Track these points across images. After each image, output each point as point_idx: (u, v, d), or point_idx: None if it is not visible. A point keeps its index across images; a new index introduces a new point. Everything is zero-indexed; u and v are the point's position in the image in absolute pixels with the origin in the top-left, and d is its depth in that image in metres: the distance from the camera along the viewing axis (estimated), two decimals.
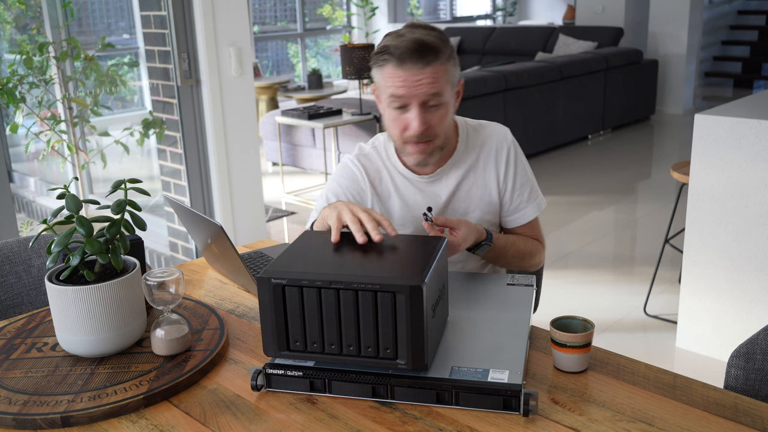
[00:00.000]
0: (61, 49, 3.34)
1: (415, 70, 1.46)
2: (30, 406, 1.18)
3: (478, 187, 1.68)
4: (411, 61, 1.46)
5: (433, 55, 1.47)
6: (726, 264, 2.75)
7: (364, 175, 1.67)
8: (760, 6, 9.84)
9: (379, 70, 1.53)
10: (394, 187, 1.67)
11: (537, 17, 11.31)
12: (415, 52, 1.45)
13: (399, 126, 1.54)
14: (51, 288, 1.29)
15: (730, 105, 2.90)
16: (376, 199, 1.67)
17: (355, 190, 1.67)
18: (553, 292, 3.49)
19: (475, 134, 1.70)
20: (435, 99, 1.50)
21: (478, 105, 5.57)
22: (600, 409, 1.15)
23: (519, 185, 1.70)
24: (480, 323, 1.35)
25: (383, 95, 1.55)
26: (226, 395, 1.23)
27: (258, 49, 8.97)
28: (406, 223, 1.67)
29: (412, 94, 1.48)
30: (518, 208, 1.71)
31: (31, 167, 5.61)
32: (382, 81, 1.53)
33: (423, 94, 1.48)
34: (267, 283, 1.17)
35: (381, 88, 1.55)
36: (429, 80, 1.47)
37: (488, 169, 1.68)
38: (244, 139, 3.55)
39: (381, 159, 1.69)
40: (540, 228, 1.78)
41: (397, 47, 1.47)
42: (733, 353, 1.36)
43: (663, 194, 5.10)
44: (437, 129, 1.54)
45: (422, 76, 1.47)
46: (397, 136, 1.57)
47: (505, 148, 1.69)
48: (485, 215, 1.69)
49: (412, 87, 1.47)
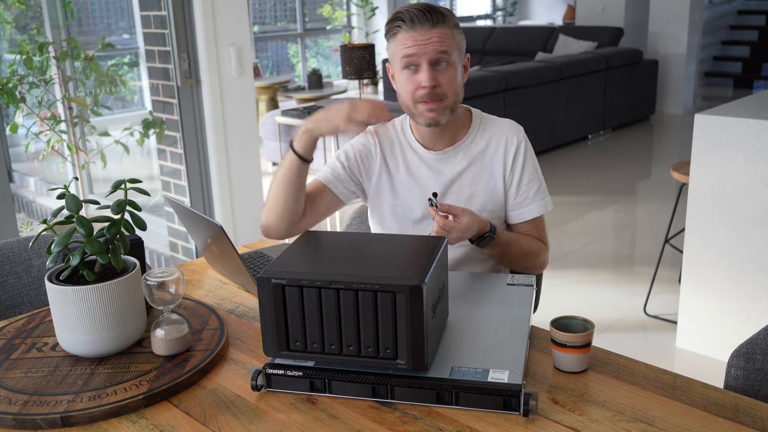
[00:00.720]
0: (61, 49, 3.34)
1: (423, 30, 1.58)
2: (30, 406, 1.18)
3: (485, 175, 1.72)
4: (420, 22, 1.58)
5: (441, 17, 1.60)
6: (726, 264, 2.75)
7: (376, 143, 1.76)
8: (760, 6, 9.84)
9: (393, 40, 1.63)
10: (404, 161, 1.74)
11: (537, 17, 11.32)
12: (424, 14, 1.58)
13: (411, 87, 1.62)
14: (51, 288, 1.29)
15: (730, 105, 2.90)
16: (384, 168, 1.74)
17: (364, 153, 1.75)
18: (553, 292, 3.49)
19: (488, 124, 1.77)
20: (443, 57, 1.59)
21: (478, 105, 5.52)
22: (600, 409, 1.15)
23: (526, 181, 1.73)
24: (480, 323, 1.35)
25: (396, 62, 1.64)
26: (226, 395, 1.23)
27: (258, 49, 8.97)
28: (410, 193, 1.73)
29: (422, 52, 1.58)
30: (523, 203, 1.74)
31: (31, 167, 5.61)
32: (395, 48, 1.63)
33: (432, 51, 1.58)
34: (267, 283, 1.17)
35: (394, 56, 1.64)
36: (437, 39, 1.58)
37: (496, 159, 1.72)
38: (244, 139, 3.55)
39: (396, 132, 1.77)
40: (545, 230, 1.79)
41: (408, 11, 1.60)
42: (733, 353, 1.36)
43: (663, 194, 5.10)
44: (446, 88, 1.62)
45: (431, 35, 1.58)
46: (409, 98, 1.64)
47: (516, 141, 1.73)
48: (488, 203, 1.72)
49: (422, 45, 1.58)
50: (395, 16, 1.62)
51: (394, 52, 1.64)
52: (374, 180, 1.75)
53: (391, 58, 1.67)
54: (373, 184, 1.76)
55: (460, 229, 1.53)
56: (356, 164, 1.75)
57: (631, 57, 7.05)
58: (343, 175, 1.73)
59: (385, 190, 1.75)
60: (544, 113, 6.21)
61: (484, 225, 1.60)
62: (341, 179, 1.74)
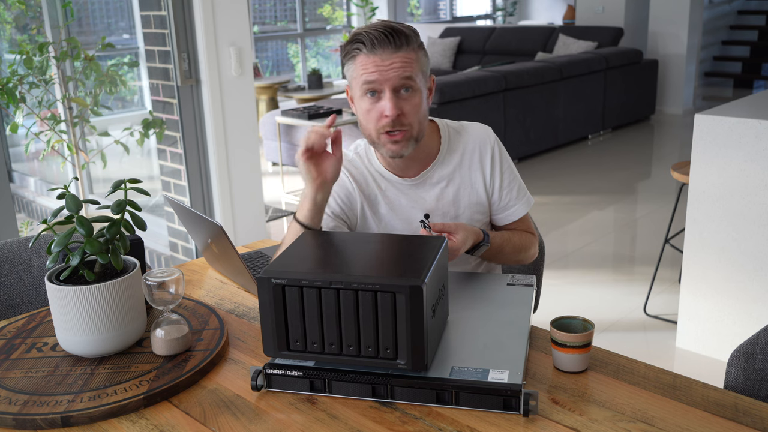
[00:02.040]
0: (61, 49, 3.34)
1: (386, 54, 1.48)
2: (30, 406, 1.18)
3: (465, 189, 1.67)
4: (381, 46, 1.47)
5: (404, 39, 1.49)
6: (726, 264, 2.75)
7: (351, 180, 1.67)
8: (760, 6, 9.84)
9: (352, 62, 1.53)
10: (380, 191, 1.67)
11: (537, 17, 11.32)
12: (386, 36, 1.47)
13: (374, 116, 1.53)
14: (51, 288, 1.29)
15: (730, 105, 2.90)
16: (366, 203, 1.67)
17: (344, 195, 1.67)
18: (553, 292, 3.49)
19: (457, 136, 1.69)
20: (407, 83, 1.50)
21: (478, 105, 5.57)
22: (600, 409, 1.15)
23: (507, 183, 1.70)
24: (480, 323, 1.36)
25: (356, 87, 1.54)
26: (226, 395, 1.23)
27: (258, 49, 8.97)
28: (395, 227, 1.67)
29: (384, 78, 1.48)
30: (508, 206, 1.71)
31: (31, 167, 5.61)
32: (354, 72, 1.53)
33: (395, 77, 1.48)
34: (267, 283, 1.17)
35: (354, 80, 1.54)
36: (400, 64, 1.48)
37: (473, 170, 1.67)
38: (244, 139, 3.55)
39: (364, 164, 1.69)
40: (531, 221, 1.78)
41: (368, 33, 1.49)
42: (733, 353, 1.36)
43: (663, 194, 5.10)
44: (411, 117, 1.52)
45: (394, 59, 1.48)
46: (372, 128, 1.55)
47: (489, 147, 1.68)
48: (475, 215, 1.69)
49: (384, 71, 1.48)
50: (354, 37, 1.51)
51: (353, 75, 1.53)
52: (359, 219, 1.68)
53: (350, 82, 1.56)
54: (359, 224, 1.69)
55: (456, 247, 1.49)
56: (340, 209, 1.66)
57: (631, 57, 7.05)
58: (332, 225, 1.65)
59: (371, 227, 1.69)
60: (544, 113, 6.21)
61: (478, 235, 1.57)
62: (330, 228, 1.65)
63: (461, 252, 1.52)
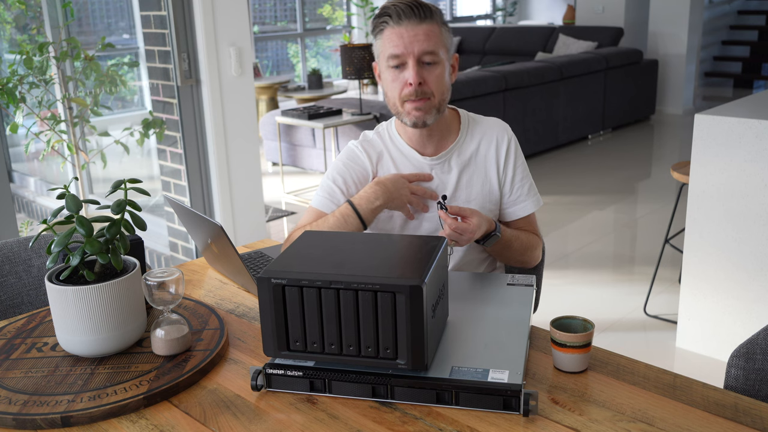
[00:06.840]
0: (61, 49, 3.34)
1: (411, 26, 1.56)
2: (30, 406, 1.18)
3: (479, 176, 1.71)
4: (407, 17, 1.56)
5: (429, 12, 1.58)
6: (726, 264, 2.75)
7: (366, 158, 1.72)
8: (760, 6, 9.84)
9: (380, 36, 1.61)
10: (396, 169, 1.71)
11: (537, 17, 11.31)
12: (411, 9, 1.56)
13: (397, 86, 1.60)
14: (51, 288, 1.29)
15: (730, 105, 2.90)
16: None
17: (359, 171, 1.71)
18: (553, 292, 3.49)
19: (476, 125, 1.75)
20: (430, 56, 1.57)
21: (478, 105, 5.57)
22: (600, 409, 1.15)
23: (519, 178, 1.74)
24: (480, 323, 1.36)
25: (382, 61, 1.61)
26: (226, 395, 1.23)
27: (258, 49, 8.97)
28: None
29: (409, 51, 1.56)
30: (518, 200, 1.74)
31: (31, 167, 5.61)
32: (381, 46, 1.61)
33: (419, 49, 1.56)
34: (267, 283, 1.17)
35: (381, 54, 1.62)
36: (424, 36, 1.56)
37: (489, 159, 1.72)
38: (244, 139, 3.55)
39: (383, 142, 1.74)
40: (537, 224, 1.80)
41: (395, 6, 1.58)
42: (733, 353, 1.36)
43: (663, 194, 5.10)
44: (433, 86, 1.59)
45: (418, 31, 1.56)
46: (396, 97, 1.61)
47: (506, 139, 1.73)
48: (486, 203, 1.72)
49: (408, 43, 1.56)
50: (382, 11, 1.60)
51: (380, 50, 1.62)
52: None
53: (378, 57, 1.65)
54: None
55: (470, 230, 1.53)
56: (354, 187, 1.69)
57: (631, 57, 7.05)
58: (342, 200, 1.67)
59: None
60: (544, 113, 6.21)
61: (491, 224, 1.60)
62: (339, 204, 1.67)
63: (475, 237, 1.55)
